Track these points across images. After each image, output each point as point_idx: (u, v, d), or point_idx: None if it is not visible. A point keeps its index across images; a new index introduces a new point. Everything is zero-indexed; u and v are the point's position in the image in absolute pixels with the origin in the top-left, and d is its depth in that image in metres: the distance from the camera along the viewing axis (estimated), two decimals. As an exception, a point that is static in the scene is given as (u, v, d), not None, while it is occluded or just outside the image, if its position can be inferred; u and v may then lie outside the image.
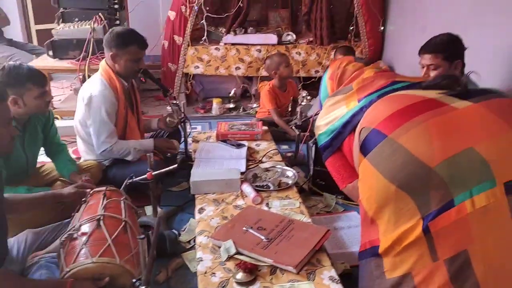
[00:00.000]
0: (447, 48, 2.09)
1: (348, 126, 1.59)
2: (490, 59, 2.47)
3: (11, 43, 3.77)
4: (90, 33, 3.24)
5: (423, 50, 2.15)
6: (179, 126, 2.56)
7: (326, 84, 1.91)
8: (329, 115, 1.72)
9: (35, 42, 4.72)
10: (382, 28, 3.86)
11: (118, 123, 2.30)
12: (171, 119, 2.49)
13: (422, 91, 1.42)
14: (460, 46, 2.13)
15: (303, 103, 3.78)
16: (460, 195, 1.16)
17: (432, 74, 2.12)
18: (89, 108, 2.21)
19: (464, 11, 2.72)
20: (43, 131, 2.12)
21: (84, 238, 1.47)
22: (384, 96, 1.47)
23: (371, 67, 1.78)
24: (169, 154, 2.53)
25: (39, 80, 1.92)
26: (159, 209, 1.57)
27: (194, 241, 1.88)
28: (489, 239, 1.15)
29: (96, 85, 2.23)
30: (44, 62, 3.32)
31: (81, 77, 3.48)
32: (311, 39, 3.92)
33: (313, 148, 2.39)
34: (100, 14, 3.40)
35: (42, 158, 2.27)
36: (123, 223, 1.57)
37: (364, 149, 1.35)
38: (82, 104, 2.24)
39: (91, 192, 1.76)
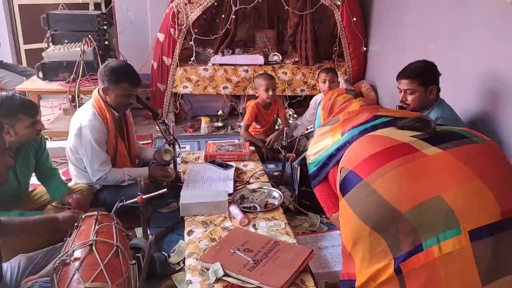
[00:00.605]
0: (423, 75, 2.21)
1: (333, 159, 1.67)
2: (465, 82, 2.60)
3: (1, 65, 3.80)
4: (80, 55, 3.31)
5: (401, 76, 2.27)
6: (168, 146, 2.64)
7: (319, 113, 2.01)
8: (317, 145, 1.80)
9: (24, 61, 4.77)
10: (364, 48, 4.01)
11: (108, 151, 2.36)
12: (168, 158, 2.56)
13: (398, 131, 1.50)
14: (435, 73, 2.25)
15: (289, 121, 3.87)
16: (428, 240, 1.24)
17: (409, 98, 2.25)
18: (80, 139, 2.26)
19: (442, 35, 2.86)
20: (35, 156, 2.17)
21: (76, 263, 1.51)
22: (365, 131, 1.56)
23: (358, 100, 1.87)
24: (164, 182, 2.50)
25: (31, 110, 1.98)
26: (149, 236, 1.63)
27: (184, 262, 1.94)
28: (455, 282, 1.22)
29: (86, 114, 2.30)
30: (34, 84, 3.37)
31: (70, 97, 3.55)
32: (296, 59, 4.05)
33: (298, 169, 2.47)
34: (89, 36, 3.47)
35: (33, 180, 2.30)
36: (115, 247, 1.62)
37: (343, 189, 1.44)
38: (73, 132, 2.30)
39: (83, 216, 1.81)
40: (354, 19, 3.84)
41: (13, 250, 1.81)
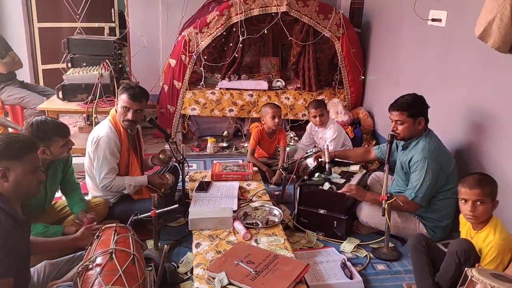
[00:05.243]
0: (411, 107, 2.43)
1: None
2: (451, 114, 2.83)
3: (23, 85, 4.01)
4: (98, 78, 3.54)
5: (392, 108, 2.49)
6: (178, 166, 2.84)
7: None
8: None
9: (41, 81, 5.03)
10: (362, 77, 4.25)
11: (121, 162, 2.55)
12: (163, 156, 2.71)
13: None
14: (423, 105, 2.47)
15: (290, 143, 4.09)
16: None
17: (399, 128, 2.47)
18: (95, 148, 2.47)
19: (431, 72, 3.11)
20: (62, 171, 2.39)
21: (98, 269, 1.71)
22: None
23: None
24: (163, 189, 2.68)
25: (63, 132, 2.22)
26: (165, 246, 1.83)
27: (191, 272, 2.13)
28: None
29: (103, 128, 2.52)
30: (54, 104, 3.58)
31: (85, 116, 3.77)
32: (298, 85, 4.29)
33: (298, 190, 2.67)
34: (107, 60, 3.71)
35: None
36: (132, 256, 1.81)
37: None
38: (90, 145, 2.51)
39: (103, 228, 2.01)
40: (353, 50, 4.10)
41: (39, 256, 2.00)
